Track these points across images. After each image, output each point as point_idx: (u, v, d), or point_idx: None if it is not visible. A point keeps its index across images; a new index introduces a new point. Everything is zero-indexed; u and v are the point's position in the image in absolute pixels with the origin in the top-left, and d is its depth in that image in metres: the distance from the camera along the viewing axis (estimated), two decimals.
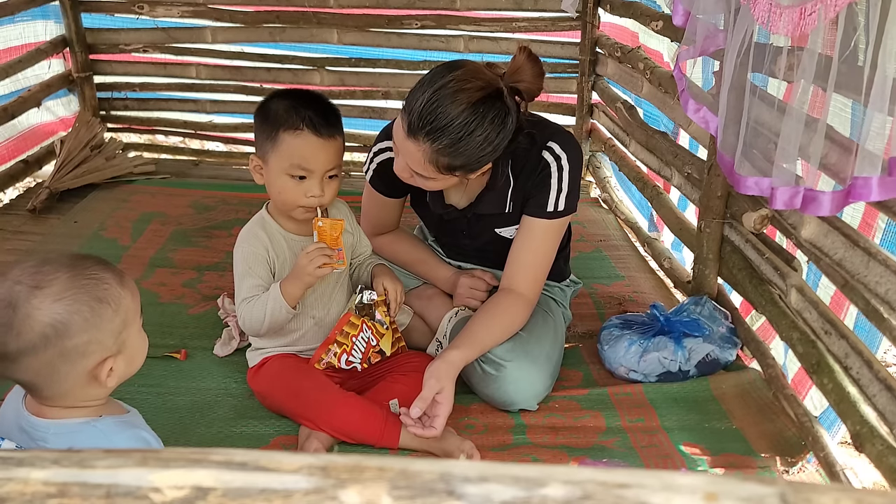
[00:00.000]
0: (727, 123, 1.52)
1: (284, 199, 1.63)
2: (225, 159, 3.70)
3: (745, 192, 1.47)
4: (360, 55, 3.45)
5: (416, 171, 1.59)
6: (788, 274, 1.78)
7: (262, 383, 1.74)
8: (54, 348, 1.00)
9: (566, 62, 3.31)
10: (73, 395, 1.07)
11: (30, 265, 1.03)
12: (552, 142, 1.73)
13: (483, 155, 1.56)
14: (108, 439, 1.07)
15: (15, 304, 0.99)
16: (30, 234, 2.71)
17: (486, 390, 1.76)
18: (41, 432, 1.07)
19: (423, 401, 1.55)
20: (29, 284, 1.00)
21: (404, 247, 2.03)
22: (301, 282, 1.61)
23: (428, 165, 1.55)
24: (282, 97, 1.64)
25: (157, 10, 3.37)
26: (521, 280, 1.77)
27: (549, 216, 1.74)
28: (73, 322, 1.00)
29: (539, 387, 1.78)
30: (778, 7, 1.26)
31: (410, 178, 1.63)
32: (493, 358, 1.72)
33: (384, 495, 0.35)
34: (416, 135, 1.52)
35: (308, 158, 1.59)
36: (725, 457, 1.66)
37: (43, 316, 0.99)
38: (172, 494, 0.35)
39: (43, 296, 1.00)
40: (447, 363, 1.61)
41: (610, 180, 3.24)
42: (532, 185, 1.74)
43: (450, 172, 1.57)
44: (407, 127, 1.54)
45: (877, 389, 1.42)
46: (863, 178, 1.20)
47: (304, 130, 1.57)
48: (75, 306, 1.01)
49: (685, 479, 0.36)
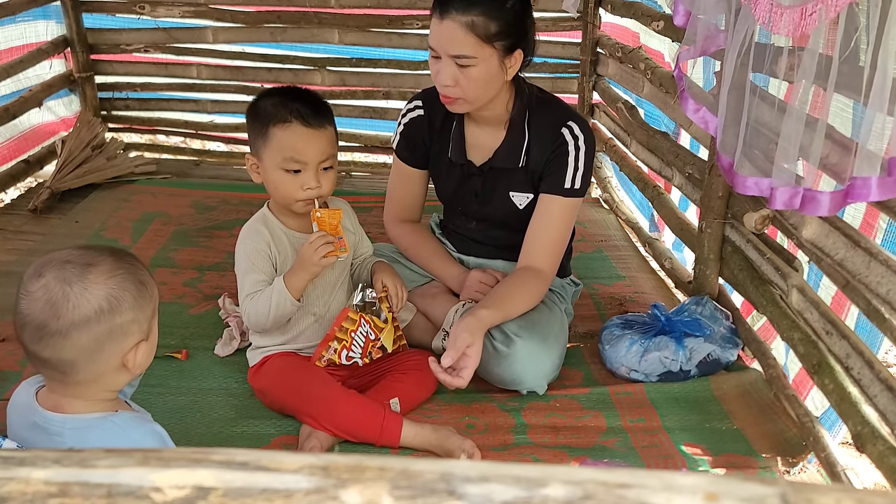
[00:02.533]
0: (727, 124, 1.52)
1: (282, 193, 1.64)
2: (226, 159, 3.70)
3: (744, 193, 1.47)
4: (361, 55, 3.45)
5: (459, 54, 1.66)
6: (789, 274, 1.78)
7: (264, 381, 1.75)
8: (106, 323, 1.04)
9: (567, 62, 3.31)
10: (102, 381, 1.10)
11: (72, 249, 1.08)
12: (572, 122, 1.83)
13: (513, 20, 1.68)
14: (125, 433, 1.10)
15: (69, 280, 1.03)
16: (31, 233, 2.71)
17: (497, 368, 1.78)
18: (57, 427, 1.09)
19: (455, 350, 1.61)
20: (80, 263, 1.05)
21: (419, 240, 2.05)
22: (306, 272, 1.62)
23: (468, 37, 1.65)
24: (269, 95, 1.66)
25: (159, 11, 3.37)
26: (538, 256, 1.83)
27: (566, 194, 1.82)
28: (125, 298, 1.06)
29: (548, 365, 1.80)
30: (779, 7, 1.26)
31: (455, 88, 1.71)
32: (505, 331, 1.76)
33: (385, 495, 0.35)
34: (449, 12, 1.65)
35: (300, 150, 1.60)
36: (726, 457, 1.66)
37: (99, 290, 1.04)
38: (173, 494, 0.35)
39: (98, 271, 1.05)
40: (478, 319, 1.67)
41: (611, 180, 3.23)
42: (548, 161, 1.82)
43: (489, 42, 1.67)
44: (440, 13, 1.67)
45: (878, 390, 1.42)
46: (862, 178, 1.20)
47: (293, 122, 1.59)
48: (125, 284, 1.06)
49: (686, 479, 0.36)
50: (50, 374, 1.10)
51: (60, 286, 1.03)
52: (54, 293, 1.03)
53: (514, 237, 1.90)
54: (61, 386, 1.09)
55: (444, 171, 1.96)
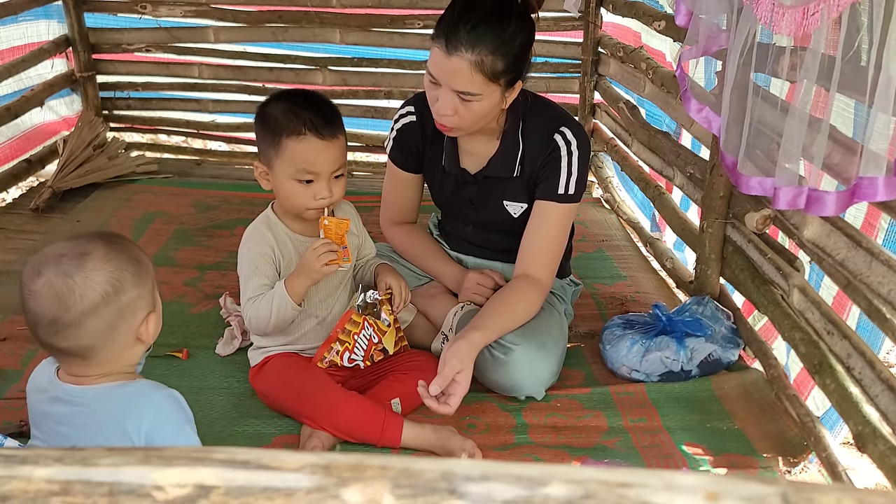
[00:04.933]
0: (730, 123, 1.52)
1: (294, 203, 1.65)
2: (227, 159, 3.70)
3: (749, 192, 1.47)
4: (363, 55, 3.45)
5: (464, 91, 1.62)
6: (791, 274, 1.78)
7: (264, 382, 1.75)
8: (114, 305, 1.10)
9: (568, 62, 3.31)
10: (121, 357, 1.16)
11: (61, 243, 1.12)
12: (565, 127, 1.79)
13: (518, 54, 1.64)
14: (146, 397, 1.16)
15: (69, 273, 1.08)
16: (32, 233, 2.71)
17: (494, 376, 1.77)
18: (79, 397, 1.15)
19: (443, 379, 1.58)
20: (74, 254, 1.09)
21: (417, 240, 2.05)
22: (308, 278, 1.62)
23: (476, 75, 1.60)
24: (279, 100, 1.64)
25: (160, 10, 3.37)
26: (534, 264, 1.81)
27: (560, 199, 1.79)
28: (126, 278, 1.11)
29: (546, 372, 1.79)
30: (781, 7, 1.25)
31: (454, 117, 1.67)
32: (502, 341, 1.74)
33: (386, 494, 0.35)
34: (457, 48, 1.59)
35: (314, 162, 1.59)
36: (727, 457, 1.66)
37: (100, 276, 1.09)
38: (175, 492, 0.35)
39: (94, 260, 1.09)
40: (469, 344, 1.63)
41: (612, 180, 3.23)
42: (541, 167, 1.79)
43: (496, 80, 1.63)
44: (446, 47, 1.60)
45: (879, 390, 1.42)
46: (868, 178, 1.19)
47: (306, 135, 1.58)
48: (122, 264, 1.11)
49: (687, 478, 0.36)
50: (71, 361, 1.15)
51: (63, 280, 1.07)
52: (59, 288, 1.07)
53: (511, 241, 1.88)
54: (83, 368, 1.15)
55: (439, 179, 1.95)
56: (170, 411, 1.16)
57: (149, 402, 1.16)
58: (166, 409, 1.16)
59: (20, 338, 1.96)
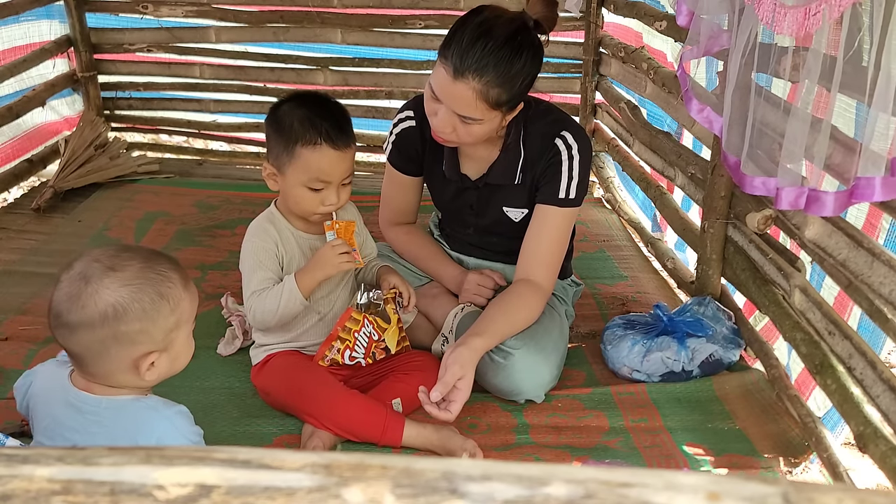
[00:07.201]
0: (732, 124, 1.52)
1: (302, 208, 1.66)
2: (229, 159, 3.70)
3: (752, 192, 1.47)
4: (364, 55, 3.45)
5: (465, 115, 1.61)
6: (792, 274, 1.78)
7: (266, 380, 1.75)
8: (109, 329, 1.07)
9: (570, 62, 3.31)
10: (114, 377, 1.14)
11: (111, 248, 1.12)
12: (566, 131, 1.78)
13: (525, 83, 1.63)
14: (157, 412, 1.16)
15: (88, 279, 1.07)
16: (34, 233, 2.71)
17: (494, 380, 1.76)
18: (93, 407, 1.15)
19: (444, 385, 1.57)
20: (105, 265, 1.08)
21: (417, 240, 2.04)
22: (322, 272, 1.63)
23: (479, 103, 1.59)
24: (295, 105, 1.64)
25: (162, 10, 3.37)
26: (535, 268, 1.80)
27: (561, 203, 1.78)
28: (132, 309, 1.08)
29: (546, 376, 1.79)
30: (782, 7, 1.25)
31: (452, 133, 1.66)
32: (501, 346, 1.73)
33: (387, 493, 0.35)
34: (464, 74, 1.56)
35: (327, 172, 1.61)
36: (728, 457, 1.66)
37: (108, 296, 1.07)
38: (176, 492, 0.35)
39: (114, 277, 1.08)
40: (471, 350, 1.62)
41: (613, 180, 3.23)
42: (542, 172, 1.78)
43: (498, 108, 1.62)
44: (453, 71, 1.57)
45: (880, 390, 1.41)
46: (866, 178, 1.19)
47: (322, 145, 1.58)
48: (138, 295, 1.08)
49: (688, 478, 0.36)
50: (74, 362, 1.16)
51: (79, 282, 1.07)
52: (73, 288, 1.07)
53: (512, 243, 1.88)
54: (85, 374, 1.15)
55: (439, 184, 1.94)
56: (182, 426, 1.17)
57: (161, 416, 1.17)
58: (179, 424, 1.17)
59: (22, 337, 1.96)
